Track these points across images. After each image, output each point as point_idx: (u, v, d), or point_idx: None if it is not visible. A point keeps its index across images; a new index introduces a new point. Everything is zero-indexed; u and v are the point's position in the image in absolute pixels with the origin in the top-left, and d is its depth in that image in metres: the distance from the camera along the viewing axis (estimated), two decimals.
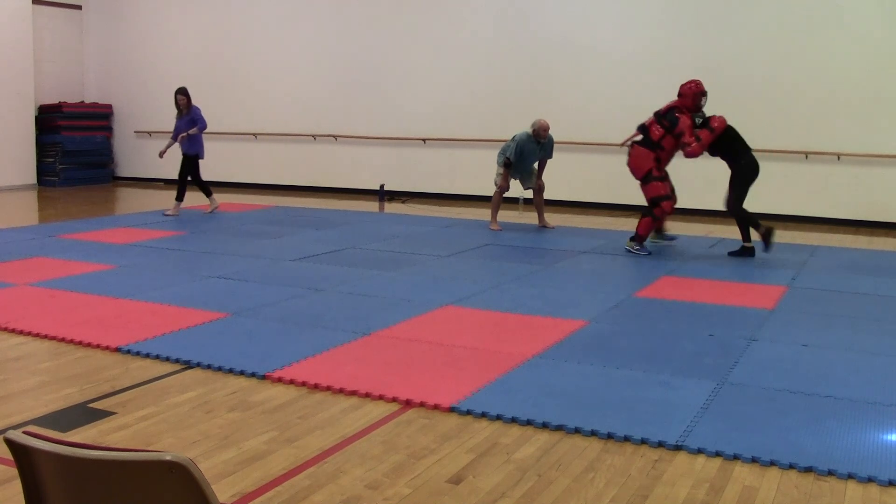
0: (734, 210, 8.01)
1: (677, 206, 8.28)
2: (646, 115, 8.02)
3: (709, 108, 8.17)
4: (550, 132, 9.42)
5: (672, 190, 8.23)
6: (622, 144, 8.42)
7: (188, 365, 4.58)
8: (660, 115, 8.02)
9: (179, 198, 10.70)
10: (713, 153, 8.09)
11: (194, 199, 11.74)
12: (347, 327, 5.29)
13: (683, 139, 7.80)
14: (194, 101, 10.67)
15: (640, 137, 8.13)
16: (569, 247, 8.51)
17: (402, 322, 5.45)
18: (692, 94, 7.94)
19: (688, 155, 7.87)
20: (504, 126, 11.15)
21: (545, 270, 7.38)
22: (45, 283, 6.50)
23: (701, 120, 8.01)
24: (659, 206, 8.06)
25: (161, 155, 10.84)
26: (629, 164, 8.17)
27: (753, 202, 11.52)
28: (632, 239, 8.17)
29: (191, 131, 10.46)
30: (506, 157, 9.34)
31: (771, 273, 7.25)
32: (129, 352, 4.79)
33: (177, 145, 10.73)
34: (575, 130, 11.71)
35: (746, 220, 8.00)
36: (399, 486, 3.16)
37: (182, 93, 10.60)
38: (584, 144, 11.83)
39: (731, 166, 8.04)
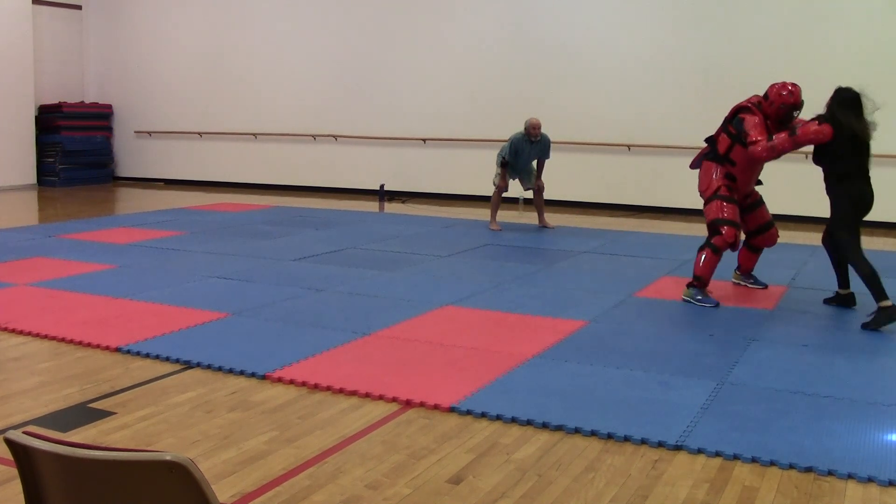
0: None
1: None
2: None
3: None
4: (548, 133, 9.49)
5: (762, 214, 6.57)
6: (691, 166, 6.54)
7: (188, 365, 4.58)
8: (726, 121, 6.22)
9: None
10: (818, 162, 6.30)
11: (193, 199, 11.74)
12: (347, 327, 5.30)
13: (748, 138, 5.92)
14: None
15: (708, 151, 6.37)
16: (569, 247, 8.51)
17: (402, 322, 5.45)
18: (775, 100, 6.02)
19: (754, 154, 5.96)
20: (504, 126, 11.14)
21: (545, 270, 7.38)
22: (45, 283, 6.50)
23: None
24: (718, 234, 6.10)
25: None
26: (698, 185, 6.39)
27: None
28: (689, 285, 6.21)
29: None
30: (502, 157, 9.44)
31: (771, 273, 7.24)
32: (129, 352, 4.79)
33: None
34: (575, 131, 11.73)
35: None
36: (399, 486, 3.16)
37: None
38: (584, 144, 11.83)
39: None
